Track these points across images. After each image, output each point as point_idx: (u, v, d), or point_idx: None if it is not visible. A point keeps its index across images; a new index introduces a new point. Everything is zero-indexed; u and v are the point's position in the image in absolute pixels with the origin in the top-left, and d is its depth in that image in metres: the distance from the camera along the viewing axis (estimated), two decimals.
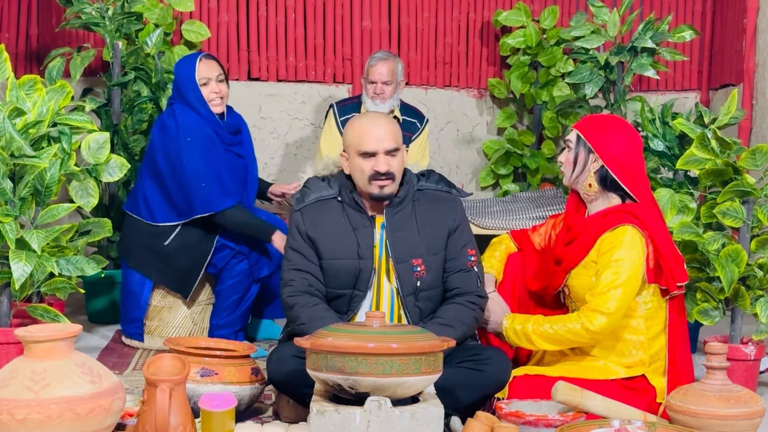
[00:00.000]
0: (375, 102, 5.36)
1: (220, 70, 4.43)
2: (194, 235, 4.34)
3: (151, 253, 4.36)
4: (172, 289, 4.41)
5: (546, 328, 3.31)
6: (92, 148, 4.03)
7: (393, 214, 3.34)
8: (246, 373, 3.30)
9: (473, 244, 3.42)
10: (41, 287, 3.87)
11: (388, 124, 3.35)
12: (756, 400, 3.09)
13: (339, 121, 5.46)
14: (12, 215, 3.69)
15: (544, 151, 6.08)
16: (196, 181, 4.27)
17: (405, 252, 3.31)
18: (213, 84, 4.39)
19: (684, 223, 3.86)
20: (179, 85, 4.40)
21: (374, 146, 3.27)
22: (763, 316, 3.77)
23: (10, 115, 3.69)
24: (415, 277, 3.29)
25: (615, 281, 3.24)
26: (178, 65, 4.48)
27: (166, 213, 4.36)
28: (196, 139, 4.31)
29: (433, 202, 3.40)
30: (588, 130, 3.40)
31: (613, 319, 3.25)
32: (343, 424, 2.76)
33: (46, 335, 2.61)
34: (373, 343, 2.73)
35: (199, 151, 4.30)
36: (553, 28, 5.97)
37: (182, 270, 4.35)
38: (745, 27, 5.72)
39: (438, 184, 3.44)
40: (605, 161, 3.35)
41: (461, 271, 3.36)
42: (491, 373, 3.19)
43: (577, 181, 3.42)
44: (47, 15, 5.69)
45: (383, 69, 5.32)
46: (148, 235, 4.36)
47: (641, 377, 3.34)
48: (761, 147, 3.73)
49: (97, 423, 2.59)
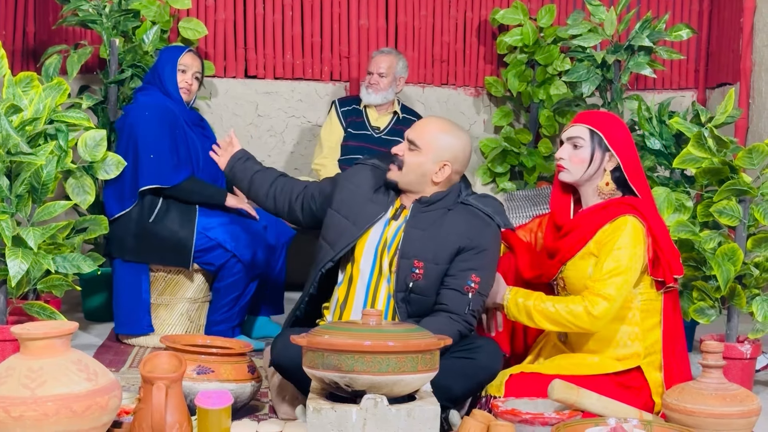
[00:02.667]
0: (368, 92, 5.50)
1: (200, 68, 4.59)
2: (176, 205, 4.38)
3: (141, 238, 4.35)
4: (173, 264, 4.39)
5: (548, 306, 3.28)
6: (89, 145, 4.03)
7: (419, 211, 3.34)
8: (242, 370, 3.30)
9: (485, 275, 3.28)
10: (37, 284, 3.87)
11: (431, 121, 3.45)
12: (752, 398, 3.10)
13: (340, 112, 5.56)
14: (8, 212, 3.69)
15: (541, 149, 6.09)
16: (146, 153, 4.32)
17: (412, 250, 3.29)
18: (189, 75, 4.52)
19: (680, 222, 3.87)
20: (158, 64, 4.52)
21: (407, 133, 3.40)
22: (759, 315, 3.77)
23: (7, 112, 3.69)
24: (412, 278, 3.27)
25: (617, 268, 3.24)
26: (166, 49, 4.66)
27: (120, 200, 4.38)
28: (154, 113, 4.38)
29: (466, 217, 3.32)
30: (603, 128, 3.36)
31: (613, 305, 3.24)
32: (339, 422, 2.76)
33: (43, 333, 2.60)
34: (370, 341, 2.73)
35: (155, 124, 4.36)
36: (550, 27, 5.97)
37: (174, 240, 4.34)
38: (741, 26, 5.72)
39: (483, 205, 3.35)
40: (622, 160, 3.34)
41: (455, 290, 3.26)
42: (482, 360, 3.18)
43: (591, 179, 3.39)
44: (44, 12, 5.69)
45: (382, 61, 5.47)
46: (132, 222, 4.36)
47: (637, 372, 3.34)
48: (758, 146, 3.74)
49: (94, 420, 2.59)
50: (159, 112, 4.39)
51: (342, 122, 5.55)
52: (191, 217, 4.37)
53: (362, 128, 5.53)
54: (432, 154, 3.32)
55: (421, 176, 3.34)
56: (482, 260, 3.29)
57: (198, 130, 4.57)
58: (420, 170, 3.33)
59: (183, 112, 4.49)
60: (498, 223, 3.34)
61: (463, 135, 3.39)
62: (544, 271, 3.48)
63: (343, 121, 5.55)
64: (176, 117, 4.43)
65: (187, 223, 4.36)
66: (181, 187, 4.36)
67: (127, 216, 4.38)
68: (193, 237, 4.35)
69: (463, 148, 3.36)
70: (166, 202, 4.38)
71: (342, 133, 5.55)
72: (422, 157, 3.32)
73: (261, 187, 3.64)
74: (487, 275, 3.30)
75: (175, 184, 4.35)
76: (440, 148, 3.32)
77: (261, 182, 3.64)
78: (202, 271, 4.44)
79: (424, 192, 3.36)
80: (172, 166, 4.34)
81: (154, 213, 4.36)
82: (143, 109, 4.40)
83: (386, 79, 5.46)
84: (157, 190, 4.36)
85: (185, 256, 4.35)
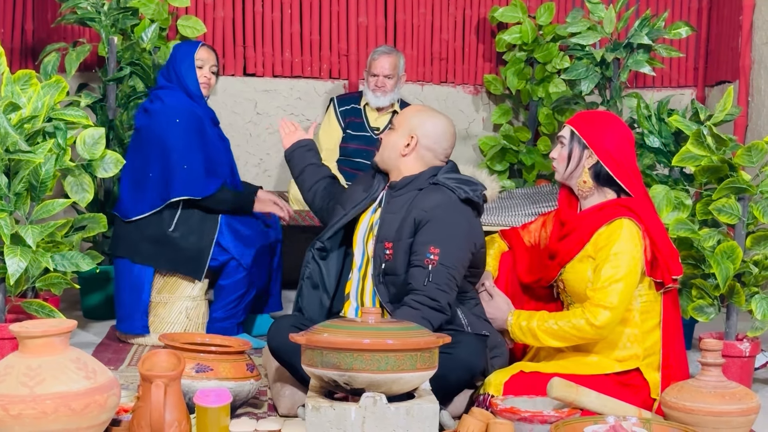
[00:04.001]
0: (376, 95, 5.44)
1: (216, 61, 4.56)
2: (197, 215, 4.35)
3: (158, 244, 4.34)
4: (184, 273, 4.38)
5: (551, 324, 3.31)
6: (87, 143, 4.03)
7: (392, 196, 3.46)
8: (241, 368, 3.30)
9: (445, 246, 3.27)
10: (36, 283, 3.87)
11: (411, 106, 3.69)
12: (751, 396, 3.10)
13: (338, 111, 5.52)
14: (7, 210, 3.69)
15: (539, 147, 6.09)
16: (179, 163, 4.30)
17: (384, 233, 3.40)
18: (206, 70, 4.50)
19: (679, 220, 3.86)
20: (174, 61, 4.47)
21: None
22: (758, 313, 3.77)
23: (6, 110, 3.68)
24: (384, 259, 3.35)
25: (615, 275, 3.24)
26: (179, 46, 4.60)
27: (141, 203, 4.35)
28: (186, 120, 4.35)
29: (428, 193, 3.37)
30: (582, 126, 3.41)
31: (616, 313, 3.25)
32: (338, 420, 2.76)
33: (41, 331, 2.60)
34: (369, 340, 2.73)
35: (187, 133, 4.34)
36: (549, 25, 5.97)
37: (193, 251, 4.34)
38: (741, 24, 5.72)
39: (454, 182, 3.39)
40: (600, 157, 3.35)
41: (417, 266, 3.27)
42: (460, 355, 3.18)
43: (571, 176, 3.43)
44: (43, 10, 5.68)
45: (386, 62, 5.41)
46: (151, 228, 4.34)
47: (636, 372, 3.34)
48: (757, 144, 3.74)
49: (92, 419, 2.59)
50: (190, 118, 4.35)
51: (341, 122, 5.53)
52: (212, 230, 4.35)
53: (361, 129, 5.50)
54: (401, 129, 3.49)
55: (392, 150, 3.49)
56: (439, 232, 3.28)
57: (217, 131, 4.56)
58: (391, 145, 3.50)
59: (206, 113, 4.46)
60: (459, 195, 3.35)
61: (439, 116, 3.54)
62: (543, 275, 3.49)
63: (342, 122, 5.53)
64: (203, 122, 4.40)
65: (207, 236, 4.34)
66: (213, 198, 4.34)
67: (145, 220, 4.37)
68: (211, 250, 4.34)
69: (435, 125, 3.48)
70: (187, 211, 4.35)
71: (340, 133, 5.52)
72: (394, 134, 3.50)
73: (308, 180, 3.83)
74: (449, 246, 3.28)
75: (207, 195, 4.34)
76: (411, 124, 3.49)
77: (311, 175, 3.83)
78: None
79: (399, 170, 3.47)
80: (204, 176, 4.33)
81: (174, 221, 4.35)
82: (173, 114, 4.35)
83: (392, 80, 5.44)
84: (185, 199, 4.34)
85: (199, 267, 4.35)
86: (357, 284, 3.48)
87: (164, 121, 4.35)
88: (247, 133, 6.04)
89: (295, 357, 3.09)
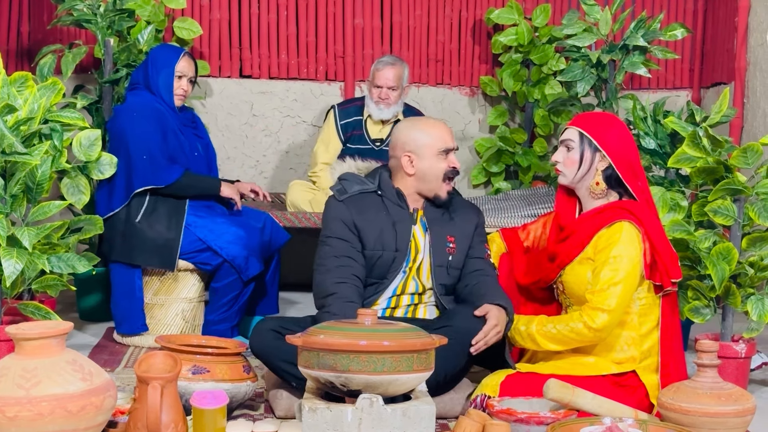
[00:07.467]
0: (379, 107, 5.29)
1: (194, 72, 4.56)
2: (164, 204, 4.36)
3: (128, 237, 4.33)
4: (158, 265, 4.35)
5: (549, 328, 3.32)
6: (83, 145, 4.03)
7: (432, 211, 3.57)
8: (238, 370, 3.30)
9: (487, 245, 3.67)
10: (32, 284, 3.87)
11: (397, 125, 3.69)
12: (747, 397, 3.10)
13: (339, 124, 5.40)
14: (3, 212, 3.69)
15: (536, 149, 6.09)
16: (139, 154, 4.31)
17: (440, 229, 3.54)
18: (185, 81, 4.50)
19: (675, 221, 3.87)
20: (153, 65, 4.46)
21: (452, 143, 3.53)
22: (753, 314, 3.78)
23: (2, 112, 3.68)
24: (447, 252, 3.51)
25: (614, 278, 3.25)
26: (159, 49, 4.58)
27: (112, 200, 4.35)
28: (142, 114, 4.36)
29: (459, 205, 3.63)
30: (592, 129, 3.38)
31: (614, 315, 3.26)
32: (335, 422, 2.76)
33: (38, 333, 2.60)
34: (365, 341, 2.73)
35: (144, 125, 4.34)
36: (545, 26, 5.98)
37: (162, 240, 4.32)
38: (736, 25, 5.73)
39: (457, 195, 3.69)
40: (614, 160, 3.34)
41: (480, 258, 3.56)
42: (456, 323, 3.30)
43: (583, 180, 3.40)
44: (39, 12, 5.68)
45: (390, 74, 5.26)
46: (121, 222, 4.35)
47: (632, 374, 3.35)
48: (752, 145, 3.74)
49: (89, 420, 2.59)
50: (147, 111, 4.37)
51: (341, 136, 5.39)
52: (179, 218, 4.35)
53: (362, 142, 5.39)
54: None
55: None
56: (485, 233, 3.68)
57: (189, 131, 4.56)
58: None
59: (171, 111, 4.46)
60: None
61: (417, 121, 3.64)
62: (542, 276, 3.49)
63: (343, 135, 5.39)
64: (163, 114, 4.41)
65: (175, 225, 4.34)
66: (176, 184, 4.35)
67: (116, 216, 4.36)
68: (180, 239, 4.33)
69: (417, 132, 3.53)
70: (153, 201, 4.35)
71: (340, 146, 5.38)
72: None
73: (351, 305, 3.36)
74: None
75: (170, 183, 4.34)
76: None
77: (347, 306, 3.36)
78: (197, 271, 4.43)
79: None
80: (165, 165, 4.33)
81: (140, 212, 4.35)
82: (131, 110, 4.39)
83: (396, 91, 5.27)
84: (150, 189, 4.35)
85: (170, 257, 4.33)
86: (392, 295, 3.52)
87: (124, 118, 4.38)
88: (243, 135, 6.04)
89: (276, 359, 3.27)
